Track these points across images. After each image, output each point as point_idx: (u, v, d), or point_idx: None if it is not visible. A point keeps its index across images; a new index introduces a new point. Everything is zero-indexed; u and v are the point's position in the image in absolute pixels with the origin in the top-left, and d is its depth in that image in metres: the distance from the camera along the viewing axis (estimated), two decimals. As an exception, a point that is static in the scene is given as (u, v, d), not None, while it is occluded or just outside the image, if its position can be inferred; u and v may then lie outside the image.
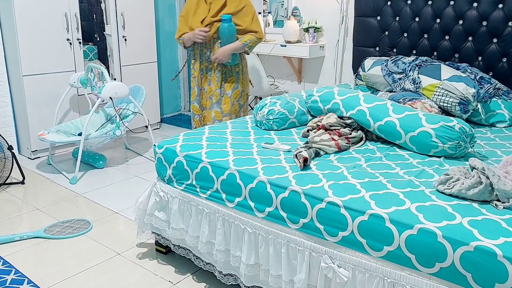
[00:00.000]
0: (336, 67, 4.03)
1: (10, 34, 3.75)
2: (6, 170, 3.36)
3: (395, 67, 3.06)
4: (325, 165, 1.98)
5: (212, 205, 2.07)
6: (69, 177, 3.56)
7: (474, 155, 2.13)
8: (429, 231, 1.45)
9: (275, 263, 1.85)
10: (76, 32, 4.04)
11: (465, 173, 1.74)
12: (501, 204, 1.57)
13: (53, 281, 2.26)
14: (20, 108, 3.92)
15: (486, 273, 1.34)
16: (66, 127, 3.78)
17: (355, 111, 2.36)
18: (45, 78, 3.92)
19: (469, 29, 3.07)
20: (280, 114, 2.55)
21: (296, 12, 4.11)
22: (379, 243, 1.56)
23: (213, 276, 2.29)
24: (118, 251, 2.54)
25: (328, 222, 1.68)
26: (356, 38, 3.67)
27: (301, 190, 1.76)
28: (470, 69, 2.94)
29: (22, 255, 2.49)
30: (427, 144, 2.10)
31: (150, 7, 4.65)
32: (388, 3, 3.43)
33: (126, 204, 3.11)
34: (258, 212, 1.89)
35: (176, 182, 2.23)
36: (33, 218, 2.92)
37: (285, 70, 4.41)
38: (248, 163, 2.01)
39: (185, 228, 2.21)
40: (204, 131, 2.48)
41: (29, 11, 3.73)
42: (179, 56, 5.47)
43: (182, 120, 5.24)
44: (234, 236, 1.98)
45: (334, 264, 1.67)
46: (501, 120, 2.73)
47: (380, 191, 1.70)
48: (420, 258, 1.47)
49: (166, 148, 2.27)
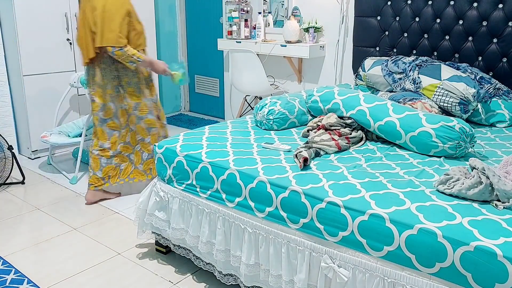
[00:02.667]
0: (336, 67, 4.03)
1: (10, 34, 3.75)
2: (6, 170, 3.36)
3: (395, 67, 3.06)
4: (325, 165, 1.98)
5: (212, 205, 2.07)
6: (69, 177, 3.56)
7: (474, 155, 2.13)
8: (429, 231, 1.45)
9: (275, 263, 1.85)
10: (76, 32, 4.04)
11: (465, 173, 1.74)
12: (501, 204, 1.57)
13: (53, 281, 2.26)
14: (20, 108, 3.92)
15: (486, 273, 1.34)
16: (67, 127, 3.78)
17: (355, 111, 2.36)
18: (45, 78, 3.92)
19: (469, 29, 3.07)
20: (280, 114, 2.55)
21: (296, 12, 4.12)
22: (379, 243, 1.56)
23: (213, 276, 2.29)
24: (118, 251, 2.54)
25: (328, 222, 1.68)
26: (356, 38, 3.67)
27: (301, 190, 1.76)
28: (470, 69, 2.94)
29: (22, 255, 2.49)
30: (427, 144, 2.10)
31: (150, 7, 4.64)
32: (388, 3, 3.43)
33: (126, 204, 3.11)
34: (258, 212, 1.89)
35: (176, 182, 2.23)
36: (33, 218, 2.92)
37: (285, 70, 4.41)
38: (248, 163, 2.01)
39: (185, 228, 2.21)
40: (204, 131, 2.48)
41: (29, 11, 3.73)
42: (179, 56, 5.47)
43: (182, 120, 5.24)
44: (234, 236, 1.98)
45: (334, 264, 1.67)
46: (501, 120, 2.73)
47: (380, 191, 1.70)
48: (420, 258, 1.47)
49: (166, 148, 2.27)
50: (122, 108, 3.03)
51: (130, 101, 3.02)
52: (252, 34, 4.39)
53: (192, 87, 5.59)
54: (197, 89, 5.53)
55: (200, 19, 5.26)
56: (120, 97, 3.01)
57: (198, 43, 5.36)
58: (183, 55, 5.50)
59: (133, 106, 3.03)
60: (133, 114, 3.05)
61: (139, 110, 3.05)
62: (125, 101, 3.02)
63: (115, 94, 2.99)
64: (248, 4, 4.37)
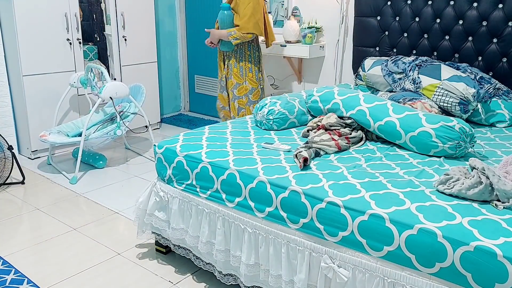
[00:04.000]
0: (336, 67, 4.03)
1: (10, 34, 3.75)
2: (6, 170, 3.36)
3: (395, 67, 3.06)
4: (325, 165, 1.98)
5: (212, 205, 2.07)
6: (69, 177, 3.56)
7: (474, 155, 2.13)
8: (429, 231, 1.45)
9: (275, 263, 1.85)
10: (76, 32, 4.04)
11: (465, 173, 1.74)
12: (501, 204, 1.57)
13: (53, 281, 2.26)
14: (20, 108, 3.92)
15: (486, 273, 1.34)
16: (67, 127, 3.78)
17: (355, 111, 2.36)
18: (45, 78, 3.92)
19: (469, 29, 3.07)
20: (280, 114, 2.55)
21: (296, 12, 4.11)
22: (379, 243, 1.56)
23: (213, 276, 2.29)
24: (118, 251, 2.54)
25: (328, 222, 1.68)
26: (356, 38, 3.67)
27: (301, 190, 1.76)
28: (470, 69, 2.94)
29: (22, 255, 2.49)
30: (427, 144, 2.10)
31: (150, 7, 4.64)
32: (388, 3, 3.43)
33: (126, 204, 3.11)
34: (258, 212, 1.89)
35: (176, 182, 2.23)
36: (33, 218, 2.92)
37: (285, 70, 4.41)
38: (248, 163, 2.01)
39: (185, 228, 2.21)
40: (204, 131, 2.48)
41: (29, 11, 3.73)
42: (179, 56, 5.47)
43: (182, 120, 5.23)
44: (234, 236, 1.98)
45: (334, 264, 1.67)
46: (501, 120, 2.73)
47: (380, 191, 1.70)
48: (420, 258, 1.47)
49: (166, 148, 2.27)
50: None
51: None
52: (252, 34, 4.38)
53: (192, 87, 5.59)
54: (197, 89, 5.53)
55: (200, 19, 5.26)
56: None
57: (198, 43, 5.36)
58: (183, 55, 5.50)
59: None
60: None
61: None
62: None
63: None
64: (248, 4, 4.36)
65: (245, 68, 3.46)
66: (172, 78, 5.47)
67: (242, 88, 3.50)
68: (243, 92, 3.50)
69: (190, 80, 5.59)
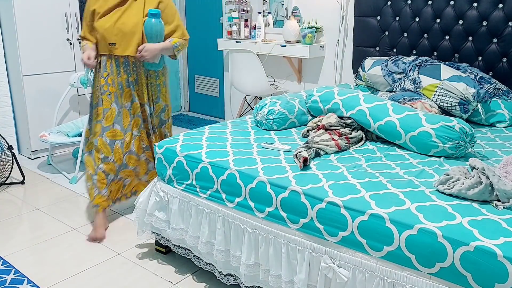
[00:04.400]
0: (336, 67, 4.03)
1: (10, 34, 3.75)
2: (6, 170, 3.36)
3: (395, 67, 3.06)
4: (325, 165, 1.98)
5: (212, 205, 2.07)
6: (69, 177, 3.56)
7: (474, 155, 2.13)
8: (429, 231, 1.45)
9: (275, 263, 1.85)
10: (76, 32, 4.04)
11: (465, 173, 1.74)
12: (501, 204, 1.57)
13: (53, 281, 2.26)
14: (20, 108, 3.92)
15: (486, 273, 1.34)
16: (67, 127, 3.78)
17: (355, 111, 2.36)
18: (45, 78, 3.92)
19: (469, 29, 3.07)
20: (280, 114, 2.55)
21: (296, 12, 4.11)
22: (379, 243, 1.56)
23: (213, 276, 2.29)
24: (118, 251, 2.54)
25: (328, 222, 1.68)
26: (356, 38, 3.67)
27: (301, 190, 1.76)
28: (470, 69, 2.94)
29: (22, 255, 2.49)
30: (427, 144, 2.10)
31: (150, 7, 4.64)
32: (388, 3, 3.43)
33: (126, 204, 3.11)
34: (258, 212, 1.89)
35: (176, 182, 2.23)
36: (33, 218, 2.92)
37: (285, 70, 4.41)
38: (248, 163, 2.01)
39: (185, 228, 2.21)
40: (204, 131, 2.48)
41: (29, 11, 3.73)
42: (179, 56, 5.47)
43: (182, 120, 5.24)
44: (234, 236, 1.98)
45: (334, 264, 1.67)
46: (501, 120, 2.73)
47: (380, 191, 1.70)
48: (420, 258, 1.47)
49: (166, 148, 2.27)
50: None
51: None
52: (252, 34, 4.39)
53: (192, 87, 5.59)
54: (197, 89, 5.54)
55: (200, 19, 5.26)
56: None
57: (198, 43, 5.36)
58: (183, 55, 5.50)
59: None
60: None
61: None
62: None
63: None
64: (248, 4, 4.37)
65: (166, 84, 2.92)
66: (172, 78, 5.47)
67: (168, 109, 2.92)
68: (168, 113, 2.93)
69: (190, 80, 5.59)
